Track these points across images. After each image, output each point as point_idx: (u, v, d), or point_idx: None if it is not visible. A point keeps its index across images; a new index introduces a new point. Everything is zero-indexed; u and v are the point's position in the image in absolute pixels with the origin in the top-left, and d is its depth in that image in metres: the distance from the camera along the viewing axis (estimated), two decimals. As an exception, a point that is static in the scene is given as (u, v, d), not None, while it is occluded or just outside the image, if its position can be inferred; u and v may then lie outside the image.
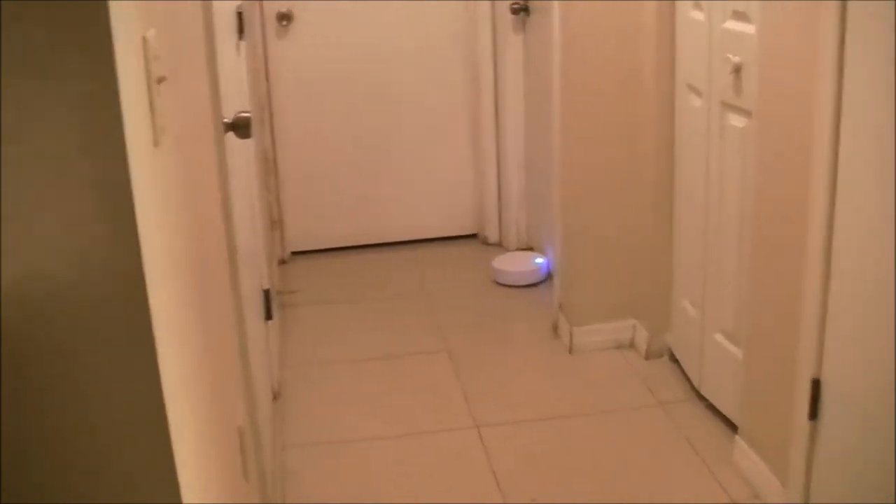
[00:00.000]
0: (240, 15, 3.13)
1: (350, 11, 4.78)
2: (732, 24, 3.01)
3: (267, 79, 4.65)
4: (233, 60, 2.88)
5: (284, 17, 4.69)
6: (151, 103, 1.28)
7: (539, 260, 4.67)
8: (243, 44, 3.27)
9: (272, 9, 4.67)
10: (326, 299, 4.53)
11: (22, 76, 1.05)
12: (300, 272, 4.84)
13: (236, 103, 2.70)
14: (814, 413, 2.58)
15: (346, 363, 3.89)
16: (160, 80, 1.34)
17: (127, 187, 1.11)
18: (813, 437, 2.60)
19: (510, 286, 4.56)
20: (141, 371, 1.16)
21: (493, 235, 5.16)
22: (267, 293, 3.39)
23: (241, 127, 2.34)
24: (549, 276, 4.52)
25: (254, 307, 2.85)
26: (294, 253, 5.01)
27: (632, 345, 3.92)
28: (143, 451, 1.19)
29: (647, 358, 3.80)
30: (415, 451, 3.26)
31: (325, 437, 3.37)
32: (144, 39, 1.27)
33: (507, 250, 5.05)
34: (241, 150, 2.84)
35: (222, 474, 1.68)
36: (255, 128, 2.95)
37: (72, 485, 1.19)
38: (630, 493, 2.99)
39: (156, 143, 1.29)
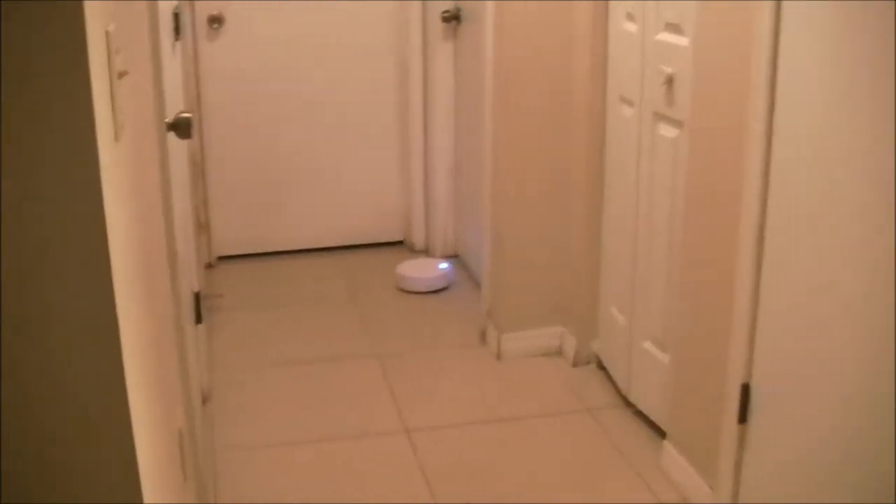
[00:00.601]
0: (176, 16, 3.10)
1: (281, 15, 4.77)
2: (665, 37, 3.06)
3: (197, 81, 4.61)
4: (169, 61, 2.85)
5: (215, 20, 4.65)
6: (113, 98, 1.27)
7: (443, 265, 4.70)
8: (178, 45, 3.24)
9: (203, 11, 4.63)
10: (253, 304, 4.50)
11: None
12: (227, 277, 4.80)
13: (174, 104, 2.68)
14: (743, 417, 2.63)
15: (275, 367, 3.88)
16: (121, 75, 1.33)
17: (97, 184, 1.10)
18: (742, 440, 2.66)
19: (416, 293, 4.61)
20: (105, 364, 1.15)
21: (419, 242, 5.17)
22: (197, 296, 3.37)
23: (181, 127, 2.32)
24: (453, 283, 4.63)
25: (186, 310, 2.83)
26: (220, 258, 4.97)
27: (559, 352, 3.95)
28: (107, 451, 1.18)
29: (574, 365, 3.84)
30: (346, 455, 3.26)
31: (256, 440, 3.35)
32: (107, 33, 1.26)
33: (433, 257, 5.07)
34: (175, 152, 2.82)
35: (169, 474, 1.66)
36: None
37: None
38: (559, 497, 3.01)
39: (116, 139, 1.28)
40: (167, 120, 2.27)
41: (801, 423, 2.42)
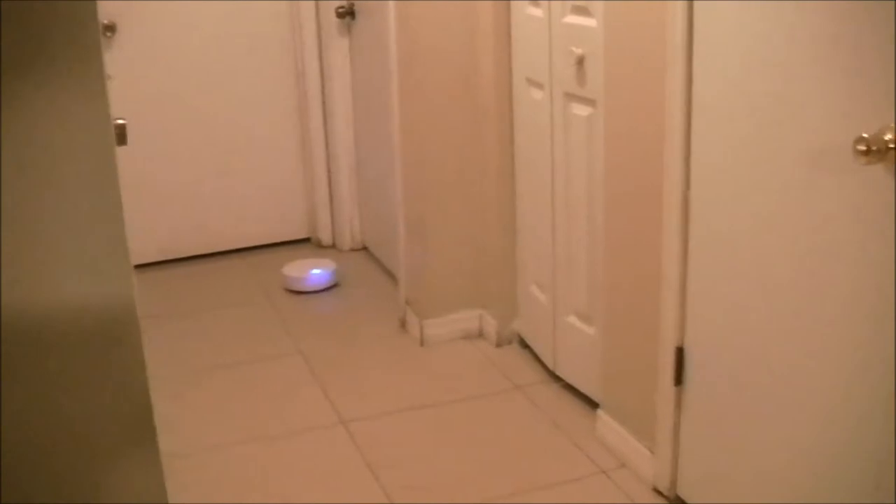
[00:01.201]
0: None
1: (174, 20, 4.73)
2: (573, 19, 3.15)
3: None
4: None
5: (108, 29, 4.59)
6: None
7: (317, 271, 4.69)
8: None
9: (94, 19, 4.56)
10: (171, 312, 4.46)
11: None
12: (140, 286, 4.73)
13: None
14: (679, 379, 2.74)
15: (199, 372, 3.86)
16: (108, 78, 1.35)
17: (116, 186, 1.13)
18: (679, 402, 2.76)
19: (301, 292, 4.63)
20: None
21: (326, 238, 5.19)
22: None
23: (117, 134, 2.30)
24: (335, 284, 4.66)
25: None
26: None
27: (481, 334, 4.02)
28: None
29: (497, 346, 3.92)
30: (287, 451, 3.27)
31: (192, 446, 3.33)
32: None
33: (341, 251, 5.10)
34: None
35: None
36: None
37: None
38: (501, 473, 3.08)
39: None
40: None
41: (735, 381, 2.52)
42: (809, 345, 2.21)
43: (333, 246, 5.18)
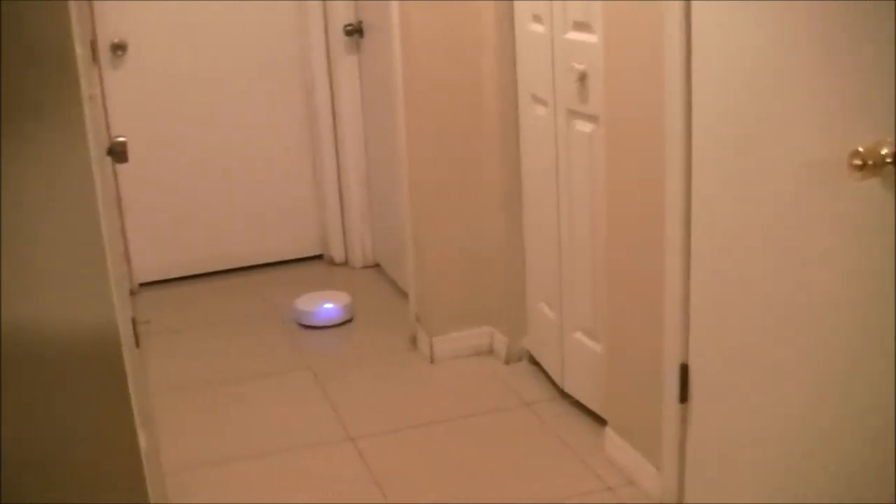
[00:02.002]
0: (93, 43, 3.10)
1: (184, 38, 4.77)
2: (574, 35, 3.15)
3: (105, 109, 4.58)
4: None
5: (118, 48, 4.63)
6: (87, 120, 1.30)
7: (329, 305, 4.49)
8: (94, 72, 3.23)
9: (105, 39, 4.60)
10: (180, 328, 4.49)
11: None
12: (149, 303, 4.78)
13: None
14: (684, 396, 2.72)
15: (210, 387, 3.88)
16: (90, 98, 1.36)
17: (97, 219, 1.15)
18: (684, 419, 2.75)
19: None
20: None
21: (338, 255, 5.20)
22: (133, 321, 3.35)
23: (117, 152, 2.33)
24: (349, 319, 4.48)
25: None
26: (142, 284, 4.94)
27: (491, 351, 4.02)
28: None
29: (507, 363, 3.92)
30: (295, 467, 3.27)
31: (202, 459, 3.34)
32: (79, 56, 1.28)
33: (354, 268, 5.11)
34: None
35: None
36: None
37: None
38: (510, 489, 3.07)
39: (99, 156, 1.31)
40: (105, 145, 2.28)
41: (741, 398, 2.50)
42: (813, 360, 2.19)
43: (346, 263, 5.19)
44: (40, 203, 1.20)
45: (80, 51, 1.34)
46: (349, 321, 4.48)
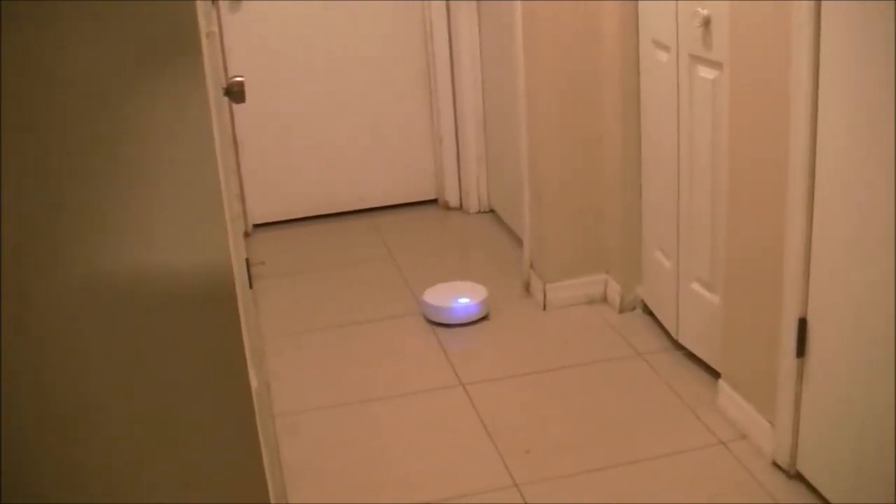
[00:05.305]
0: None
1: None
2: (700, -22, 3.06)
3: (223, 52, 4.63)
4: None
5: (237, -8, 4.67)
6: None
7: (463, 300, 3.95)
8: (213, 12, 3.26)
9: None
10: (294, 270, 4.54)
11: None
12: (263, 245, 4.84)
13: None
14: (801, 351, 2.66)
15: (324, 330, 3.91)
16: (208, 35, 1.36)
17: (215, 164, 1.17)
18: (800, 374, 2.68)
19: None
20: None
21: (453, 200, 5.20)
22: (247, 262, 3.40)
23: (235, 92, 2.34)
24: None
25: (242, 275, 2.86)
26: (256, 225, 5.01)
27: (604, 299, 3.98)
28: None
29: (620, 311, 3.87)
30: (405, 413, 3.30)
31: (318, 402, 3.38)
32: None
33: (468, 213, 5.10)
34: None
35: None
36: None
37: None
38: (619, 440, 3.05)
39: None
40: (222, 85, 2.29)
41: (860, 356, 2.44)
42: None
43: (460, 208, 5.18)
44: (158, 143, 1.21)
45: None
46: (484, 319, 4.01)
